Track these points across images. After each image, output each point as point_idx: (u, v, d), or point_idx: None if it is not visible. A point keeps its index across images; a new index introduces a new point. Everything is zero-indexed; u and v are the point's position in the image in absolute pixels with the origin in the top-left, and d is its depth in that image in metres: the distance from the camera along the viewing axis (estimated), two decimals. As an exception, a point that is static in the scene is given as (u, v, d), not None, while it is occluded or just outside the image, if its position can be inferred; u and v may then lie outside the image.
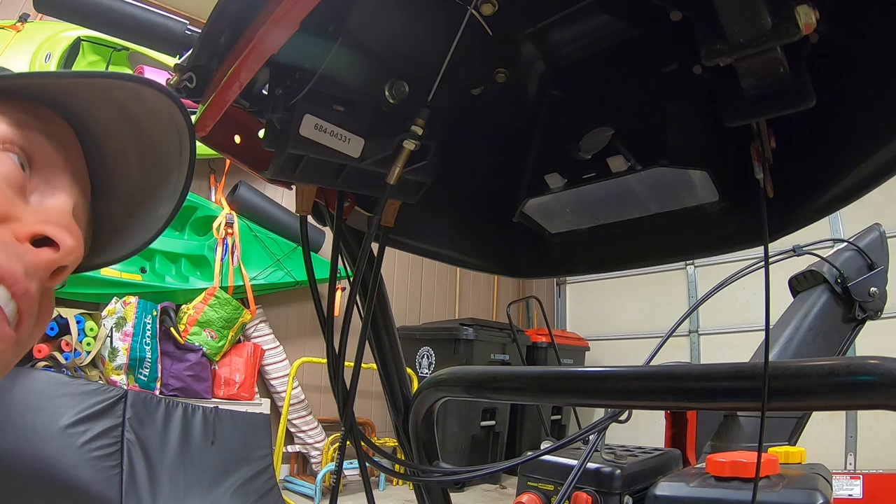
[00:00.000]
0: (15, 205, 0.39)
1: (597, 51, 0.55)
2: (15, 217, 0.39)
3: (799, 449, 1.04)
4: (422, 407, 0.70)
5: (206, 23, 0.45)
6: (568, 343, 4.80)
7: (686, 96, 0.50)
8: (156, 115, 0.47)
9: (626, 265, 0.61)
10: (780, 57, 0.37)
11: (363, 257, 0.53)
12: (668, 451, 1.28)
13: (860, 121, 0.44)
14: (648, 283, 5.06)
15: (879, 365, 0.39)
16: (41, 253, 0.39)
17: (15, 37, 2.90)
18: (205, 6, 0.47)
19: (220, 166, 3.74)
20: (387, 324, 0.69)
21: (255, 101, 0.49)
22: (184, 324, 2.88)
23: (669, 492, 0.91)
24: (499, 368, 0.65)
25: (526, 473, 1.21)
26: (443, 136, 0.52)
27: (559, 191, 0.54)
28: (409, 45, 0.48)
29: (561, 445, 0.69)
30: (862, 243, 1.40)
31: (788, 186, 0.47)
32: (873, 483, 2.73)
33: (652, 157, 0.48)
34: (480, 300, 5.46)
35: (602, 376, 0.55)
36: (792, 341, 1.27)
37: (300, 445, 3.74)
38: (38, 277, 0.39)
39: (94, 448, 2.09)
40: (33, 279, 0.38)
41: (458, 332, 4.05)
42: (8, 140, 0.41)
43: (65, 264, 0.40)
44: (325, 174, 0.50)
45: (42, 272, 0.39)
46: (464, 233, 0.68)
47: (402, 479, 3.35)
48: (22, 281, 0.37)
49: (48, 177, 0.43)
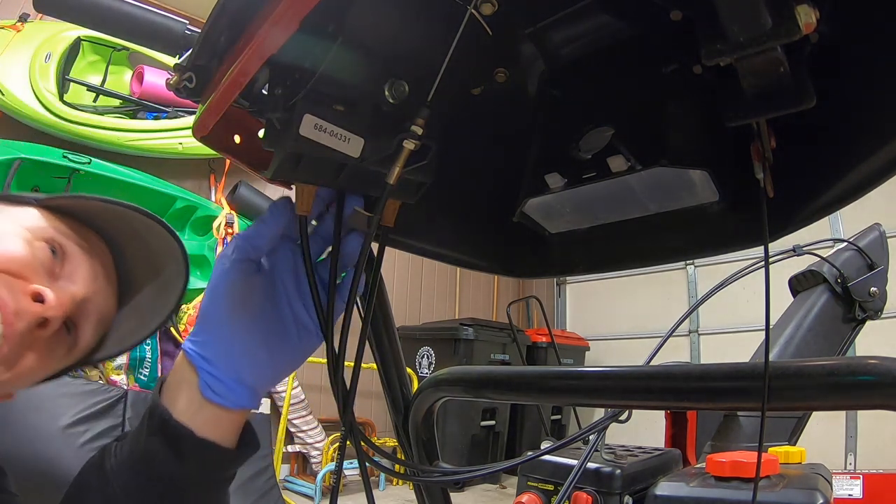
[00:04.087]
0: (37, 275, 0.55)
1: (597, 50, 0.55)
2: (31, 280, 0.54)
3: (799, 449, 1.04)
4: (422, 407, 0.70)
5: (205, 23, 0.45)
6: (568, 343, 4.80)
7: (686, 96, 0.50)
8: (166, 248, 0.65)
9: (627, 265, 0.60)
10: (780, 56, 0.37)
11: (363, 257, 0.53)
12: (668, 451, 1.28)
13: (860, 121, 0.44)
14: (648, 283, 5.06)
15: (879, 365, 0.39)
16: (34, 305, 0.53)
17: (15, 37, 2.90)
18: (205, 6, 0.47)
19: (220, 166, 3.75)
20: (387, 324, 0.69)
21: (255, 100, 0.49)
22: (184, 324, 2.88)
23: (669, 492, 0.91)
24: (499, 368, 0.65)
25: (526, 473, 1.21)
26: (443, 136, 0.52)
27: (559, 191, 0.54)
28: (409, 44, 0.48)
29: (561, 445, 0.69)
30: (862, 243, 1.40)
31: (788, 186, 0.47)
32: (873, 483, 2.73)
33: (652, 156, 0.48)
34: (480, 300, 5.47)
35: (602, 376, 0.55)
36: (792, 341, 1.27)
37: (300, 445, 3.74)
38: (26, 320, 0.53)
39: (94, 448, 2.09)
40: (21, 319, 0.52)
41: (458, 332, 4.05)
42: (49, 238, 0.58)
43: (46, 317, 0.54)
44: (325, 174, 0.50)
45: (29, 317, 0.53)
46: (464, 233, 0.68)
47: (402, 479, 3.35)
48: (10, 315, 0.51)
49: (72, 272, 0.58)
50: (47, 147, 2.90)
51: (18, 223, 0.57)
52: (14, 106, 2.88)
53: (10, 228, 0.56)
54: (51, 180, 2.94)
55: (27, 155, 2.76)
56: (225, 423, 0.50)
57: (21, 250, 0.54)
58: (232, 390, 0.49)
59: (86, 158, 2.97)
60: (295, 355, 0.52)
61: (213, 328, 0.49)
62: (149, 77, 3.27)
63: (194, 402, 0.49)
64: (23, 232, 0.56)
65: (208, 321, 0.49)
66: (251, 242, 0.50)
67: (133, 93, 3.33)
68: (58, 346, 0.59)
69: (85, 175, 2.96)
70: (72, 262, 0.59)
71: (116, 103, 3.32)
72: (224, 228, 3.27)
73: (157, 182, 3.28)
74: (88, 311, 0.60)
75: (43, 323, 0.54)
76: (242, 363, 0.49)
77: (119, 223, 0.64)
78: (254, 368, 0.50)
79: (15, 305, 0.52)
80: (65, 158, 2.91)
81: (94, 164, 3.00)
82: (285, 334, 0.51)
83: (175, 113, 3.38)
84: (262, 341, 0.50)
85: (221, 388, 0.49)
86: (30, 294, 0.53)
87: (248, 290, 0.49)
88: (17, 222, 0.57)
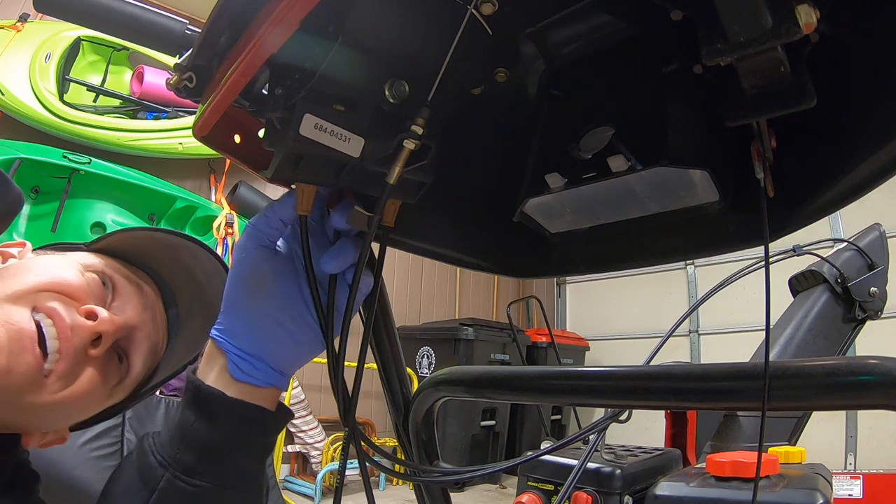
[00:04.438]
0: (90, 299, 0.59)
1: (597, 50, 0.55)
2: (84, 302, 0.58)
3: (799, 449, 1.04)
4: (422, 407, 0.70)
5: (206, 23, 0.45)
6: (568, 343, 4.80)
7: (686, 96, 0.50)
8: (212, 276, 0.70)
9: (626, 265, 0.60)
10: (780, 56, 0.37)
11: (363, 257, 0.53)
12: (668, 451, 1.28)
13: (860, 120, 0.44)
14: (648, 283, 5.06)
15: (879, 365, 0.39)
16: (87, 322, 0.57)
17: (15, 37, 2.90)
18: (205, 6, 0.47)
19: (220, 166, 3.75)
20: (387, 324, 0.69)
21: (255, 100, 0.49)
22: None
23: (669, 492, 0.91)
24: (499, 368, 0.65)
25: (526, 473, 1.21)
26: (443, 136, 0.52)
27: (559, 190, 0.54)
28: (409, 44, 0.48)
29: (561, 445, 0.68)
30: (862, 243, 1.39)
31: (788, 186, 0.47)
32: (873, 483, 2.73)
33: (652, 156, 0.48)
34: (480, 300, 5.46)
35: (602, 376, 0.55)
36: (792, 341, 1.27)
37: (300, 445, 3.74)
38: (81, 336, 0.56)
39: (94, 448, 2.08)
40: (76, 335, 0.56)
41: (458, 332, 4.05)
42: (100, 271, 0.63)
43: (98, 332, 0.57)
44: (325, 174, 0.50)
45: (83, 332, 0.56)
46: (464, 233, 0.68)
47: (402, 479, 3.34)
48: (67, 329, 0.55)
49: (122, 303, 0.63)
50: (47, 147, 2.90)
51: (72, 258, 0.63)
52: (14, 106, 2.88)
53: (65, 262, 0.61)
54: (50, 180, 2.94)
55: (27, 155, 2.76)
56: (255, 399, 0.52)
57: (75, 278, 0.59)
58: (258, 369, 0.51)
59: (86, 158, 2.97)
60: (313, 335, 0.53)
61: (235, 311, 0.51)
62: (149, 77, 3.27)
63: (224, 380, 0.51)
64: (76, 265, 0.61)
65: (230, 306, 0.52)
66: (262, 228, 0.52)
67: (133, 93, 3.33)
68: (110, 371, 0.61)
69: (85, 175, 2.96)
70: (121, 294, 0.63)
71: (116, 103, 3.32)
72: (224, 228, 3.27)
73: (157, 182, 3.28)
74: (139, 340, 0.63)
75: (96, 340, 0.57)
76: (265, 342, 0.51)
77: (164, 256, 0.68)
78: (275, 346, 0.51)
79: (71, 321, 0.55)
80: (65, 158, 2.90)
81: (94, 164, 3.00)
82: (303, 316, 0.52)
83: (175, 113, 3.38)
84: (281, 321, 0.51)
85: (248, 367, 0.51)
86: (84, 313, 0.57)
87: (265, 274, 0.51)
88: (71, 258, 0.63)
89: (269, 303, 0.51)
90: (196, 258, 0.70)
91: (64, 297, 0.57)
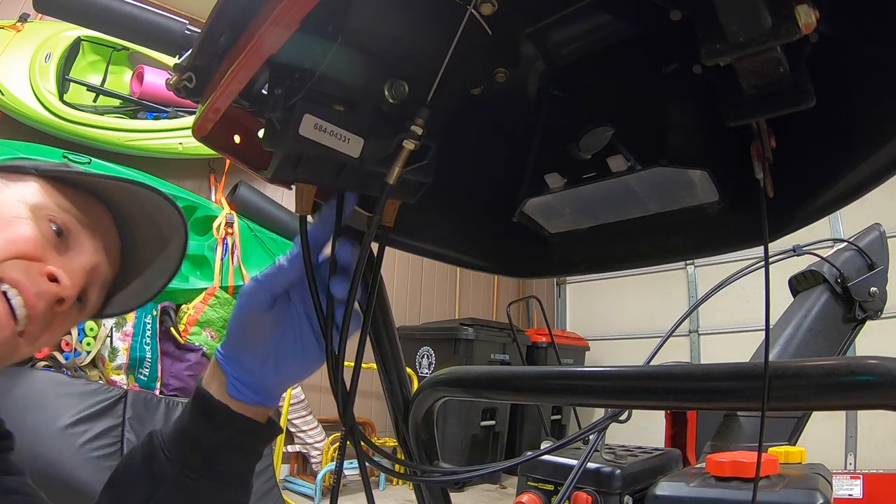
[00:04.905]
0: (47, 253, 0.60)
1: (597, 50, 0.55)
2: (44, 261, 0.60)
3: (799, 449, 1.04)
4: (422, 407, 0.70)
5: (205, 23, 0.45)
6: (568, 343, 4.80)
7: (686, 96, 0.50)
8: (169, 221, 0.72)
9: (626, 265, 0.60)
10: (779, 56, 0.37)
11: (363, 257, 0.53)
12: (668, 451, 1.29)
13: (860, 120, 0.44)
14: (648, 283, 5.06)
15: (879, 365, 0.39)
16: (51, 286, 0.59)
17: (15, 37, 2.90)
18: (205, 6, 0.47)
19: (220, 166, 3.74)
20: (387, 324, 0.69)
21: (255, 101, 0.49)
22: (184, 324, 2.88)
23: (669, 492, 0.91)
24: (499, 368, 0.65)
25: (526, 473, 1.21)
26: (443, 136, 0.52)
27: (559, 191, 0.54)
28: (409, 44, 0.48)
29: (561, 445, 0.69)
30: (862, 243, 1.40)
31: (788, 186, 0.47)
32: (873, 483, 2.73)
33: (652, 156, 0.48)
34: (480, 300, 5.46)
35: (602, 376, 0.55)
36: (792, 341, 1.27)
37: (300, 445, 3.74)
38: (45, 300, 0.59)
39: (94, 448, 2.09)
40: (41, 300, 0.59)
41: (458, 332, 4.05)
42: (51, 214, 0.62)
43: (62, 296, 0.60)
44: (325, 174, 0.50)
45: (48, 297, 0.59)
46: (464, 233, 0.68)
47: (402, 479, 3.34)
48: (33, 297, 0.58)
49: (77, 243, 0.64)
50: (47, 147, 2.90)
51: (22, 201, 0.62)
52: (14, 106, 2.88)
53: (16, 210, 0.61)
54: (51, 180, 2.93)
55: (27, 155, 2.76)
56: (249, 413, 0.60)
57: (30, 232, 0.60)
58: (249, 393, 0.59)
59: (86, 158, 2.97)
60: (300, 369, 0.59)
61: (234, 346, 0.59)
62: (149, 77, 3.27)
63: (223, 394, 0.59)
64: (27, 212, 0.61)
65: (231, 340, 0.59)
66: (265, 287, 0.56)
67: (133, 93, 3.33)
68: (71, 315, 0.66)
69: (85, 175, 2.95)
70: (76, 240, 0.64)
71: (116, 103, 3.32)
72: (224, 228, 3.27)
73: (156, 182, 3.28)
74: (94, 281, 0.67)
75: (60, 301, 0.61)
76: (254, 375, 0.59)
77: (127, 197, 0.70)
78: (263, 380, 0.59)
79: (35, 289, 0.58)
80: (65, 158, 2.90)
81: (94, 164, 3.00)
82: (291, 354, 0.58)
83: (175, 113, 3.38)
84: (268, 360, 0.58)
85: (243, 389, 0.59)
86: (45, 275, 0.59)
87: (261, 323, 0.57)
88: (21, 200, 0.62)
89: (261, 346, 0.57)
90: (158, 206, 0.71)
91: (23, 262, 0.58)
